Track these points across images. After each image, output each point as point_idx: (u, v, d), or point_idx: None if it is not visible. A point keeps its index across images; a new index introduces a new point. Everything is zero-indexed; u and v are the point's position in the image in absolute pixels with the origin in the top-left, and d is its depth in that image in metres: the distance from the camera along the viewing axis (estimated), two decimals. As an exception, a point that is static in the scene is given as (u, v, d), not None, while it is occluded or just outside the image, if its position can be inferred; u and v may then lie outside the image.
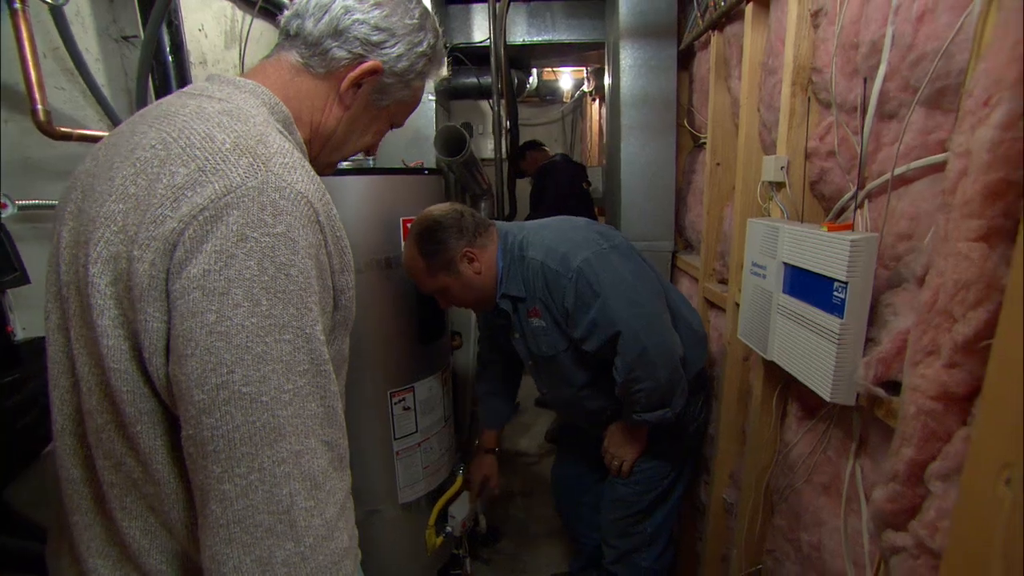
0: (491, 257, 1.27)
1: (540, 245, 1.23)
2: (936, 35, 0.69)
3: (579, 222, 1.32)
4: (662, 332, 1.18)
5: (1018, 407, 0.38)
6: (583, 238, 1.23)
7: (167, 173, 0.50)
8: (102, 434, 0.55)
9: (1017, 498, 0.38)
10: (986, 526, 0.41)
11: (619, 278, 1.17)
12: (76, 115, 1.20)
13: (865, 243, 0.76)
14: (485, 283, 1.28)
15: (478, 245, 1.26)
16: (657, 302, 1.22)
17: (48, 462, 1.05)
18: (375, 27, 0.66)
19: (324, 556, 0.52)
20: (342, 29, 0.65)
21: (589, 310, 1.16)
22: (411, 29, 0.69)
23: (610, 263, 1.18)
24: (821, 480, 0.98)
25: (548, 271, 1.20)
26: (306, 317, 0.51)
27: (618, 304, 1.15)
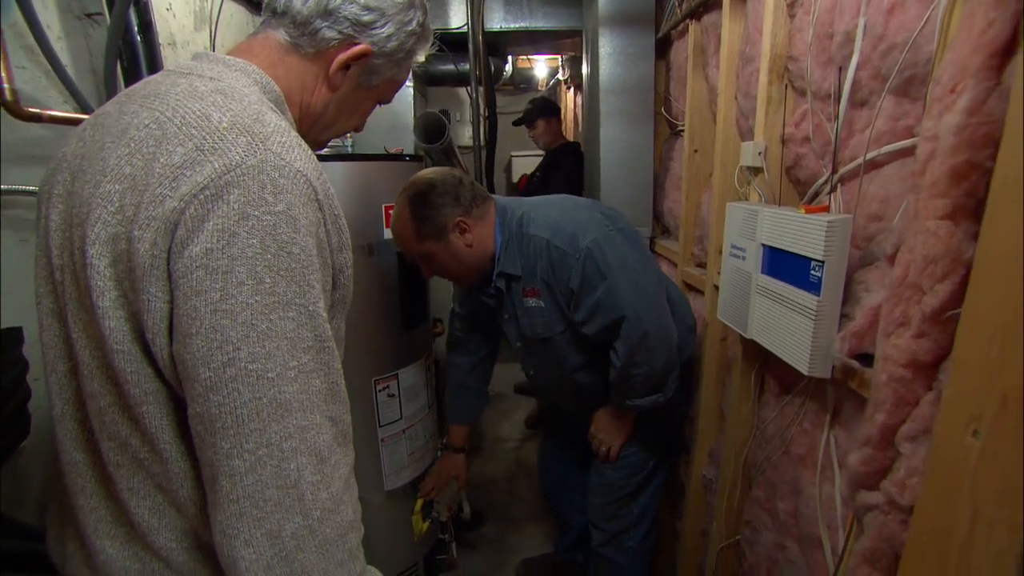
0: (485, 231, 1.23)
1: (545, 223, 1.20)
2: (905, 26, 0.73)
3: (583, 202, 1.30)
4: (663, 318, 1.19)
5: (984, 367, 0.42)
6: (589, 218, 1.20)
7: (164, 152, 0.49)
8: (105, 416, 0.54)
9: (984, 447, 0.42)
10: (956, 474, 0.45)
11: (626, 262, 1.16)
12: (39, 96, 1.14)
13: (840, 224, 0.80)
14: (475, 257, 1.24)
15: (473, 216, 1.21)
16: (659, 288, 1.22)
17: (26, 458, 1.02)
18: (365, 7, 0.65)
19: (331, 529, 0.53)
20: (332, 9, 0.64)
21: (594, 292, 1.15)
22: (401, 8, 0.68)
23: (617, 246, 1.16)
24: (798, 451, 1.03)
25: (554, 250, 1.17)
26: (309, 294, 0.52)
27: (624, 288, 1.14)
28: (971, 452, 0.43)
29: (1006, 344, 0.40)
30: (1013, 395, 0.40)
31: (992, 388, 0.41)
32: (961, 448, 0.44)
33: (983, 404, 0.42)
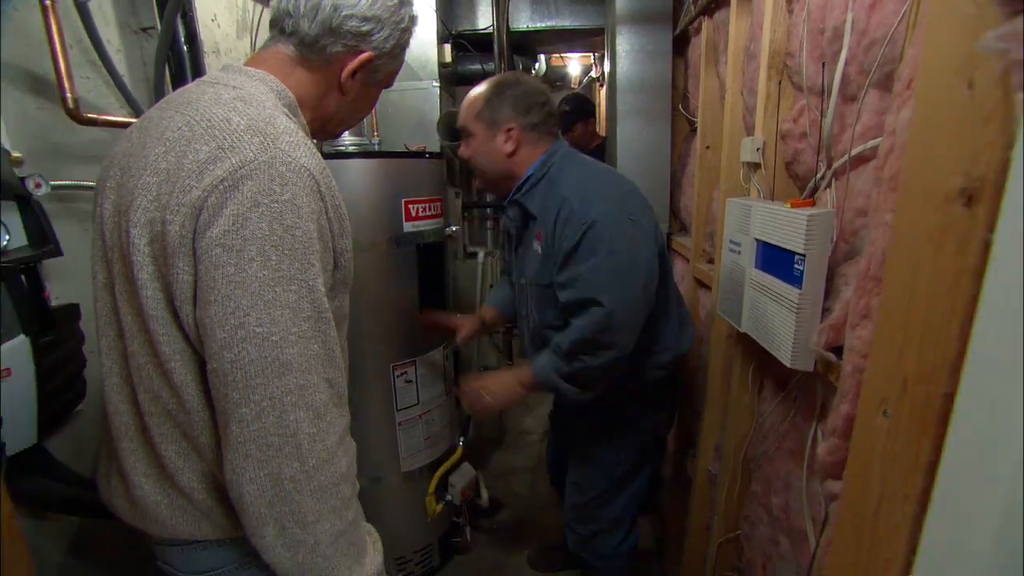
0: (527, 155, 1.23)
1: (574, 181, 1.18)
2: (884, 22, 0.73)
3: (625, 183, 1.23)
4: (632, 329, 1.14)
5: (891, 352, 0.45)
6: (616, 196, 1.16)
7: (192, 151, 0.59)
8: (142, 372, 0.65)
9: (890, 427, 0.45)
10: (870, 452, 0.47)
11: (625, 255, 1.11)
12: (100, 103, 1.29)
13: (821, 218, 0.81)
14: (503, 167, 1.24)
15: (527, 135, 1.21)
16: (645, 295, 1.15)
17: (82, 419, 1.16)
18: (364, 18, 0.71)
19: (325, 477, 0.62)
20: (335, 27, 0.70)
21: (580, 264, 1.12)
22: (393, 10, 0.74)
23: (625, 235, 1.11)
24: (790, 446, 1.04)
25: (566, 207, 1.14)
26: (309, 271, 0.60)
27: (608, 276, 1.10)
28: (881, 432, 0.45)
29: (909, 330, 0.43)
30: (911, 378, 0.42)
31: (896, 372, 0.44)
32: (874, 428, 0.46)
33: (891, 386, 0.44)
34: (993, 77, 0.34)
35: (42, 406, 0.99)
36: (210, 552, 0.72)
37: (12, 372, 0.92)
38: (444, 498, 1.80)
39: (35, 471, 1.02)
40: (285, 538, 0.61)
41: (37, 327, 0.96)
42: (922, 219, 0.41)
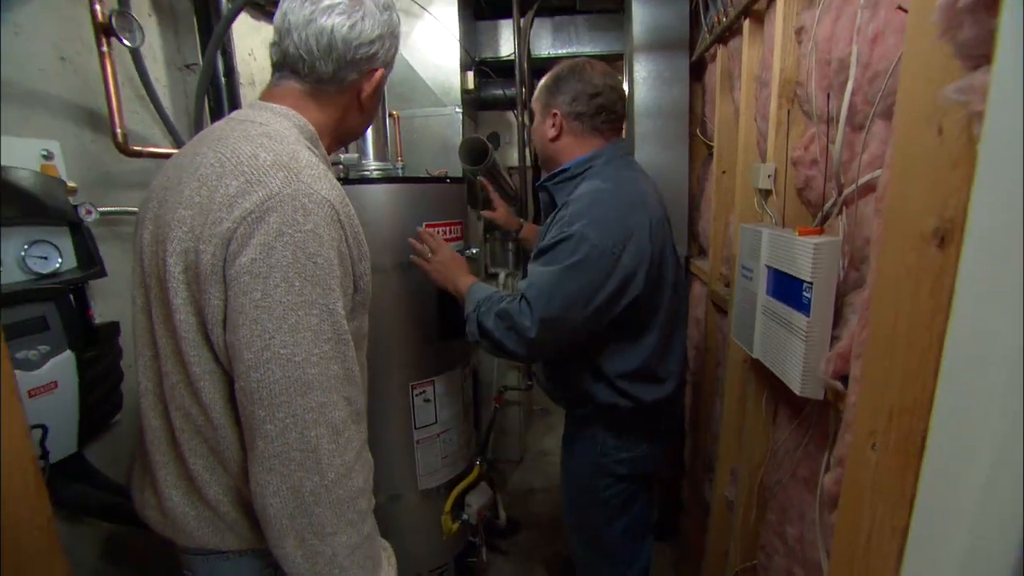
0: (572, 146, 1.23)
1: (592, 192, 1.14)
2: (886, 55, 0.74)
3: (637, 219, 1.13)
4: (545, 344, 1.12)
5: (878, 384, 0.45)
6: (615, 227, 1.10)
7: (223, 185, 0.64)
8: (175, 391, 0.70)
9: (879, 459, 0.45)
10: (862, 485, 0.48)
11: (580, 280, 1.07)
12: (146, 134, 1.39)
13: (827, 246, 0.81)
14: (546, 150, 1.27)
15: (569, 124, 1.21)
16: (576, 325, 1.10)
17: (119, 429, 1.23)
18: (371, 42, 0.76)
19: (343, 491, 0.65)
20: (349, 60, 0.75)
21: (542, 264, 1.12)
22: (387, 21, 0.78)
23: (594, 263, 1.07)
24: (804, 474, 1.02)
25: (568, 209, 1.14)
26: (330, 296, 0.65)
27: (554, 290, 1.07)
28: (871, 464, 0.46)
29: (893, 363, 0.44)
30: (896, 411, 0.43)
31: (882, 404, 0.44)
32: (864, 460, 0.47)
33: (878, 419, 0.45)
34: (960, 124, 0.36)
35: (83, 416, 1.06)
36: (233, 563, 0.76)
37: (58, 385, 0.99)
38: (460, 517, 1.81)
39: (74, 478, 1.09)
40: (304, 549, 0.64)
41: (82, 343, 1.03)
42: (902, 257, 0.42)
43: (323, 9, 0.72)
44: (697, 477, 1.74)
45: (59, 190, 1.04)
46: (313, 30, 0.72)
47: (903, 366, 0.42)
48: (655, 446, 1.33)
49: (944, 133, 0.38)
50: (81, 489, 1.08)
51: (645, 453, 1.31)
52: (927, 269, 0.40)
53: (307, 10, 0.72)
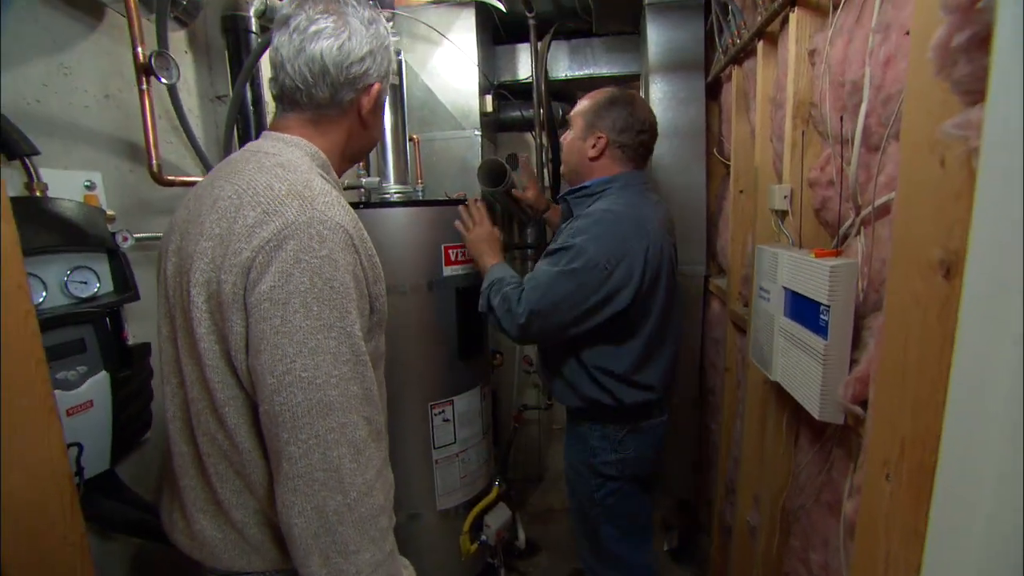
0: (604, 167, 1.36)
1: (603, 210, 1.27)
2: (898, 78, 0.74)
3: (637, 243, 1.25)
4: (530, 332, 1.27)
5: (889, 413, 0.45)
6: (614, 244, 1.23)
7: (241, 216, 0.67)
8: (201, 416, 0.72)
9: (892, 490, 0.45)
10: (876, 516, 0.47)
11: (570, 284, 1.22)
12: (179, 163, 1.46)
13: (844, 269, 0.81)
14: (580, 166, 1.39)
15: (611, 150, 1.34)
16: (562, 321, 1.25)
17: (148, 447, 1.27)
18: (361, 59, 0.76)
19: (365, 509, 0.67)
20: (343, 81, 0.76)
21: (545, 262, 1.30)
22: (375, 34, 0.78)
23: (587, 270, 1.21)
24: (827, 500, 1.00)
25: (580, 221, 1.29)
26: (347, 318, 0.67)
27: (548, 288, 1.23)
28: (885, 495, 0.46)
29: (904, 392, 0.43)
30: (908, 441, 0.43)
31: (895, 434, 0.44)
32: (879, 491, 0.47)
33: (891, 449, 0.45)
34: (962, 156, 0.37)
35: (115, 434, 1.10)
36: None
37: (94, 404, 1.04)
38: (479, 538, 1.80)
39: (105, 494, 1.13)
40: (329, 568, 0.65)
41: (116, 364, 1.08)
42: (909, 285, 0.43)
43: (311, 36, 0.73)
44: (718, 500, 1.70)
45: (99, 218, 1.10)
46: (304, 59, 0.73)
47: (914, 395, 0.42)
48: (642, 449, 1.41)
49: (946, 165, 0.38)
50: (111, 505, 1.12)
51: (633, 455, 1.40)
52: (934, 299, 0.40)
53: (296, 41, 0.74)
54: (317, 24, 0.74)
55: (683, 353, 1.92)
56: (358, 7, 0.77)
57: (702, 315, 1.88)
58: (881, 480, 0.46)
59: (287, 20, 0.75)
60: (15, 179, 1.01)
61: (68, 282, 1.02)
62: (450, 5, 2.16)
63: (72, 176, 1.13)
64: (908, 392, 0.42)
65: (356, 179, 1.71)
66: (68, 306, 1.02)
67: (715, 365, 1.83)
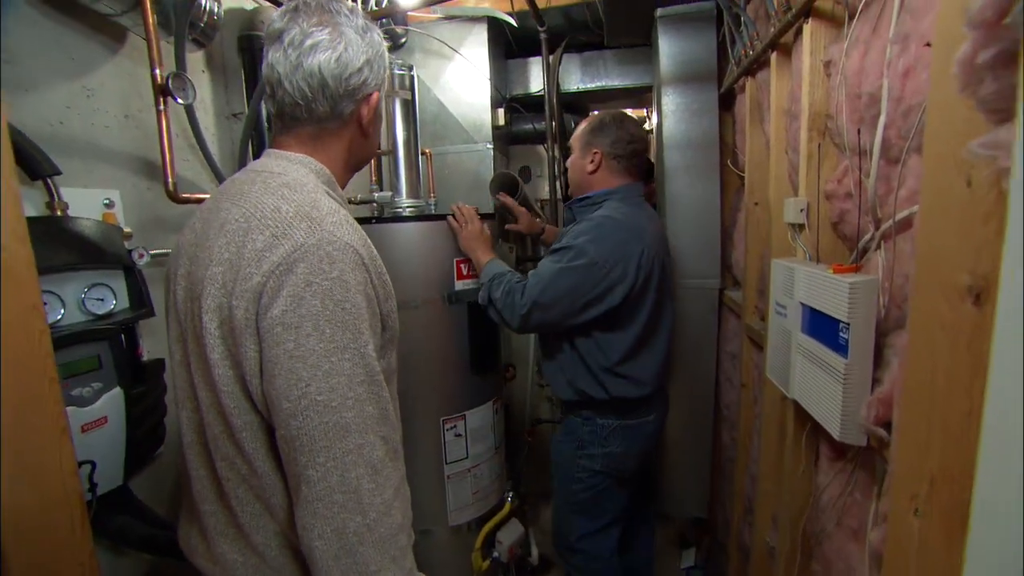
0: (603, 179, 1.52)
1: (603, 217, 1.42)
2: (918, 90, 0.72)
3: (633, 249, 1.39)
4: (527, 323, 1.40)
5: (917, 445, 0.43)
6: (612, 249, 1.36)
7: (250, 240, 0.66)
8: (218, 441, 0.71)
9: (922, 526, 0.42)
10: (905, 551, 0.44)
11: (569, 281, 1.36)
12: (196, 180, 1.49)
13: (864, 285, 0.78)
14: (582, 181, 1.56)
15: (607, 163, 1.50)
16: (553, 314, 1.38)
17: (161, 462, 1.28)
18: (358, 70, 0.75)
19: (384, 528, 0.66)
20: (342, 94, 0.75)
21: (547, 258, 1.44)
22: (371, 42, 0.77)
23: (585, 268, 1.35)
24: (851, 524, 0.96)
25: (582, 224, 1.44)
26: (360, 339, 0.66)
27: (548, 282, 1.37)
28: (914, 531, 0.43)
29: (931, 425, 0.41)
30: (939, 477, 0.40)
31: (923, 468, 0.42)
32: (907, 526, 0.44)
33: (919, 483, 0.43)
34: (991, 176, 0.35)
35: (129, 450, 1.11)
36: None
37: (108, 420, 1.04)
38: (491, 555, 1.78)
39: (119, 510, 1.13)
40: None
41: (130, 380, 1.09)
42: (936, 311, 0.41)
43: (307, 51, 0.72)
44: (736, 519, 1.65)
45: (117, 236, 1.12)
46: (302, 74, 0.72)
47: (943, 428, 0.40)
48: (628, 446, 1.51)
49: (973, 185, 0.36)
50: (124, 521, 1.12)
51: (618, 451, 1.51)
52: (963, 326, 0.38)
53: (292, 56, 0.72)
54: (313, 37, 0.72)
55: (698, 367, 1.90)
56: (351, 16, 0.76)
57: (717, 329, 1.84)
58: (909, 515, 0.44)
59: (279, 35, 0.73)
60: (37, 199, 1.03)
61: (85, 299, 1.04)
62: (462, 21, 2.18)
63: (92, 194, 1.15)
64: (936, 424, 0.40)
65: (369, 193, 1.72)
66: (85, 323, 1.03)
67: (731, 379, 1.79)
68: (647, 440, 1.57)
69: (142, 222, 1.29)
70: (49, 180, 1.02)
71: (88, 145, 1.17)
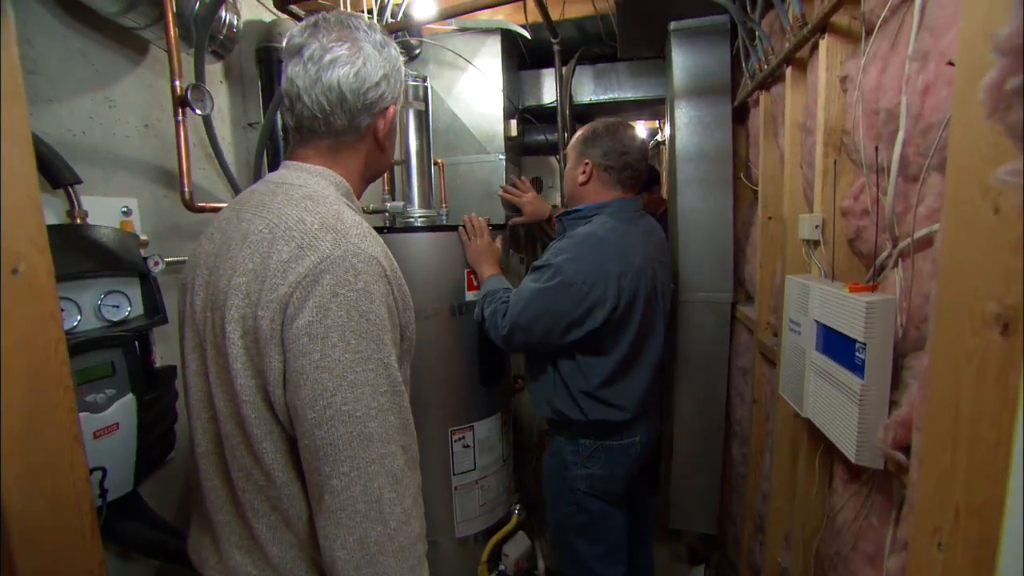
0: (594, 191, 1.45)
1: (587, 234, 1.37)
2: (938, 107, 0.71)
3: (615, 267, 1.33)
4: (511, 341, 1.38)
5: (940, 477, 0.42)
6: (592, 267, 1.32)
7: (275, 252, 0.67)
8: (236, 452, 0.71)
9: (948, 560, 0.41)
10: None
11: (546, 299, 1.32)
12: (211, 189, 1.51)
13: (881, 305, 0.77)
14: (574, 192, 1.50)
15: (599, 174, 1.43)
16: (533, 334, 1.35)
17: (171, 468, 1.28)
18: (376, 84, 0.76)
19: (404, 538, 0.66)
20: (360, 107, 0.76)
21: (528, 276, 1.41)
22: (386, 59, 0.77)
23: (563, 288, 1.30)
24: (867, 548, 0.93)
25: (563, 240, 1.40)
26: (383, 350, 0.66)
27: (529, 301, 1.33)
28: (937, 565, 0.42)
29: (955, 456, 0.40)
30: (963, 510, 0.39)
31: (947, 499, 0.41)
32: (930, 560, 0.43)
33: (943, 515, 0.41)
34: (1020, 206, 0.34)
35: (140, 456, 1.11)
36: None
37: (119, 426, 1.05)
38: (497, 567, 1.76)
39: (128, 515, 1.14)
40: None
41: (143, 386, 1.10)
42: (961, 340, 0.40)
43: (326, 65, 0.72)
44: (746, 537, 1.62)
45: (133, 244, 1.13)
46: (321, 88, 0.73)
47: (968, 460, 0.39)
48: (611, 467, 1.46)
49: (1001, 213, 0.36)
50: (134, 527, 1.13)
51: (601, 472, 1.46)
52: (991, 357, 0.37)
53: (311, 71, 0.72)
54: (332, 52, 0.73)
55: (709, 381, 1.88)
56: (369, 31, 0.77)
57: (728, 343, 1.82)
58: (932, 548, 0.42)
59: (299, 50, 0.73)
60: (58, 206, 1.05)
61: (101, 306, 1.05)
62: (476, 32, 2.20)
63: (111, 203, 1.17)
64: (961, 456, 0.39)
65: (381, 203, 1.73)
66: (100, 329, 1.04)
67: (742, 395, 1.77)
68: (632, 462, 1.50)
69: (158, 230, 1.31)
70: (70, 188, 1.03)
71: (108, 154, 1.19)
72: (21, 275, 0.61)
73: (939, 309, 0.42)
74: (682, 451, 1.95)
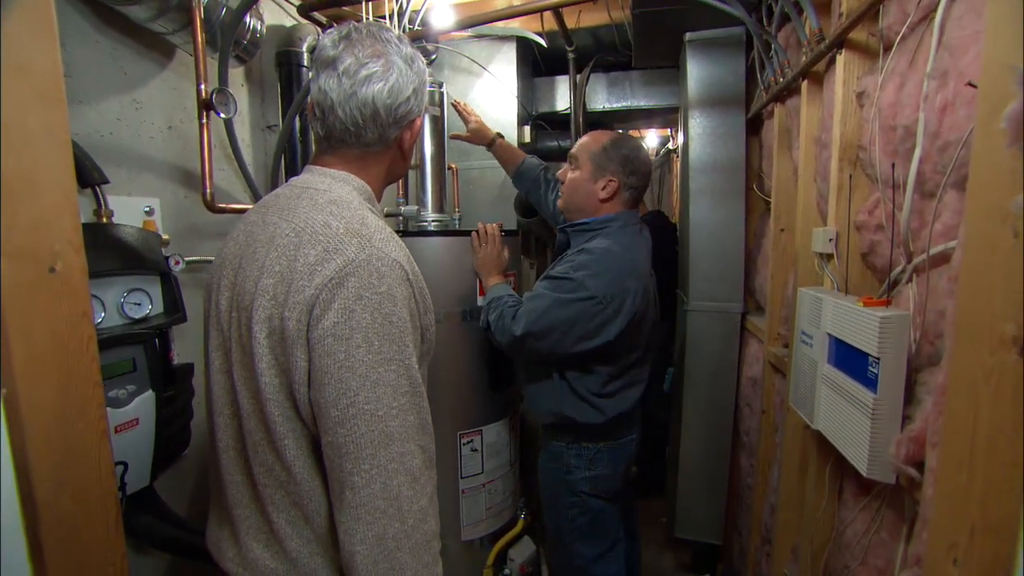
0: (607, 206, 1.44)
1: (605, 249, 1.37)
2: (956, 126, 0.72)
3: (632, 283, 1.36)
4: (521, 348, 1.38)
5: (956, 494, 0.43)
6: (609, 281, 1.33)
7: (302, 255, 0.68)
8: (258, 448, 0.73)
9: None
10: (941, 603, 0.44)
11: (564, 313, 1.32)
12: (230, 190, 1.53)
13: (896, 320, 0.77)
14: (585, 205, 1.45)
15: (621, 193, 1.42)
16: (546, 344, 1.35)
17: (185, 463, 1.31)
18: (407, 99, 0.77)
19: (420, 535, 0.68)
20: (391, 122, 0.77)
21: (541, 287, 1.40)
22: (416, 74, 0.79)
23: (581, 304, 1.31)
24: (876, 563, 0.94)
25: (581, 255, 1.39)
26: (405, 351, 0.68)
27: (543, 312, 1.33)
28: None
29: (972, 474, 0.41)
30: (979, 528, 0.40)
31: (963, 517, 0.41)
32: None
33: (958, 532, 0.42)
34: (1038, 230, 0.35)
35: (157, 451, 1.14)
36: None
37: (139, 422, 1.07)
38: (502, 572, 1.77)
39: (144, 510, 1.16)
40: None
41: (162, 383, 1.12)
42: (979, 360, 0.40)
43: (361, 80, 0.73)
44: (753, 548, 1.62)
45: (155, 243, 1.15)
46: (356, 103, 0.73)
47: (984, 478, 0.39)
48: (614, 465, 1.49)
49: (1020, 237, 0.37)
50: (149, 521, 1.15)
51: (605, 472, 1.48)
52: (1008, 377, 0.37)
53: (346, 85, 0.73)
54: (368, 68, 0.74)
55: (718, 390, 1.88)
56: (400, 45, 0.78)
57: (738, 353, 1.83)
58: (947, 565, 0.43)
59: (333, 62, 0.74)
60: (85, 206, 1.08)
61: (124, 303, 1.07)
62: (492, 39, 2.22)
63: (134, 202, 1.20)
64: (978, 475, 0.40)
65: (395, 207, 1.75)
66: (122, 326, 1.07)
67: (751, 405, 1.77)
68: (630, 459, 1.56)
69: (179, 230, 1.33)
70: (97, 188, 1.06)
71: (134, 155, 1.22)
72: (58, 273, 0.63)
73: (957, 328, 0.43)
74: (689, 460, 1.95)
